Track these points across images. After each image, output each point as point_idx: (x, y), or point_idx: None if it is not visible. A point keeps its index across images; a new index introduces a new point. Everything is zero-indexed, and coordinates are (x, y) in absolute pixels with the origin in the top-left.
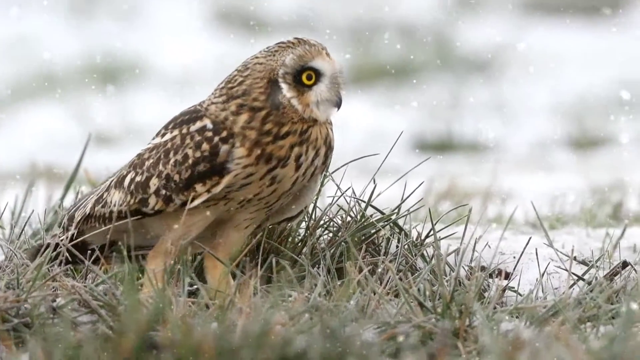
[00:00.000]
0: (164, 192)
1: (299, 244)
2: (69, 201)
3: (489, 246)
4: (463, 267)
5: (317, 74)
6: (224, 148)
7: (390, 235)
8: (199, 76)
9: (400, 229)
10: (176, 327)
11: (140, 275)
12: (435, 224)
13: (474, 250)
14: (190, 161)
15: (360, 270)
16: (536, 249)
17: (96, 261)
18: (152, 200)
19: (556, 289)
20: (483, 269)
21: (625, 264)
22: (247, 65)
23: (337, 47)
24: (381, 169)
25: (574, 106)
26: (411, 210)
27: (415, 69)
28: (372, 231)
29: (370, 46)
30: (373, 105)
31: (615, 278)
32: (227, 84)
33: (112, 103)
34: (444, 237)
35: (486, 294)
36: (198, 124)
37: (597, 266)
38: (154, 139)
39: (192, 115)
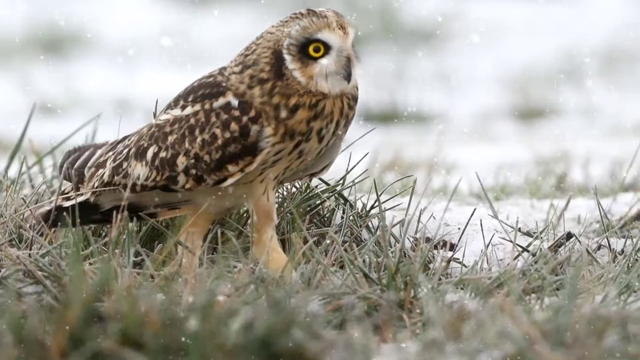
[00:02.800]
0: (194, 171)
1: (244, 215)
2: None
3: (434, 217)
4: (408, 238)
5: (326, 47)
6: (254, 128)
7: (336, 206)
8: (143, 46)
9: (346, 200)
10: (121, 298)
11: (84, 247)
12: (380, 195)
13: (418, 221)
14: (219, 142)
15: (306, 242)
16: (481, 221)
17: (106, 222)
18: (182, 179)
19: (501, 260)
20: (428, 240)
21: (569, 236)
22: (262, 35)
23: (281, 17)
24: None
25: (519, 77)
26: (356, 181)
27: (360, 40)
28: (317, 202)
29: None
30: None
31: (560, 249)
32: (245, 51)
33: (57, 73)
34: (389, 209)
35: (431, 266)
36: (221, 100)
37: (541, 237)
38: (170, 107)
39: (214, 89)
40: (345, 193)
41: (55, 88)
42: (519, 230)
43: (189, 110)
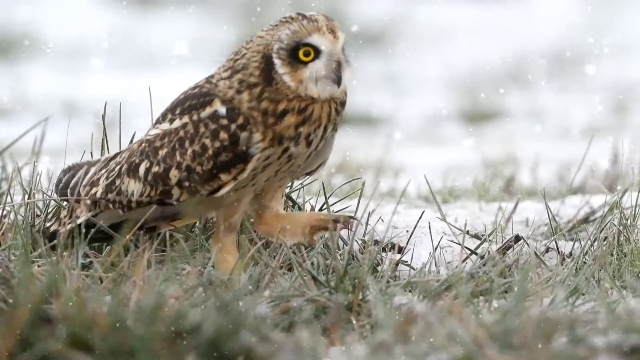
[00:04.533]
0: (187, 183)
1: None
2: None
3: (382, 220)
4: (356, 241)
5: (316, 51)
6: (244, 135)
7: (284, 209)
8: (90, 48)
9: (294, 202)
10: (70, 301)
11: (33, 249)
12: (328, 198)
13: (367, 224)
14: (210, 152)
15: (254, 244)
16: (429, 223)
17: (108, 239)
18: (176, 192)
19: (449, 262)
20: (376, 243)
21: (517, 238)
22: (252, 39)
23: (229, 21)
24: None
25: (467, 79)
26: (304, 183)
27: None
28: None
29: (262, 20)
30: None
31: (508, 252)
32: (234, 56)
33: (3, 75)
34: (337, 211)
35: (379, 268)
36: (208, 110)
37: (489, 240)
38: (159, 122)
39: (200, 99)
40: (294, 195)
41: (1, 91)
42: (467, 232)
43: (177, 123)
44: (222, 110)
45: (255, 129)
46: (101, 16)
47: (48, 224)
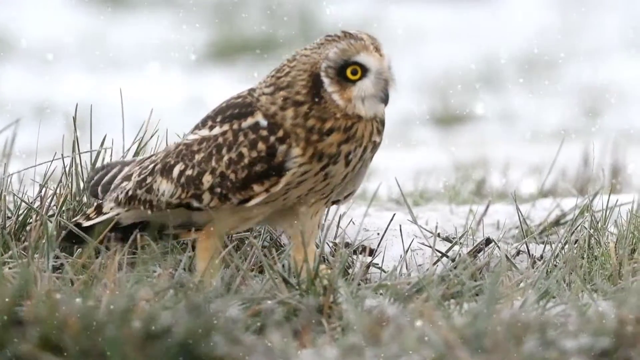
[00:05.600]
0: (219, 190)
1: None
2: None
3: (353, 222)
4: (327, 243)
5: (363, 69)
6: (282, 148)
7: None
8: (62, 50)
9: None
10: (41, 303)
11: (3, 252)
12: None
13: (338, 226)
14: (246, 161)
15: (225, 246)
16: (400, 226)
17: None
18: (207, 197)
19: (420, 265)
20: (347, 245)
21: (488, 241)
22: (295, 57)
23: (201, 22)
24: None
25: (438, 82)
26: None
27: (280, 45)
28: None
29: (234, 22)
30: (237, 81)
31: (479, 255)
32: (276, 73)
33: None
34: None
35: (350, 271)
36: (250, 120)
37: (460, 243)
38: (198, 128)
39: (242, 110)
40: None
41: None
42: (438, 235)
43: (217, 130)
44: (264, 122)
45: (295, 143)
46: (73, 18)
47: (75, 218)
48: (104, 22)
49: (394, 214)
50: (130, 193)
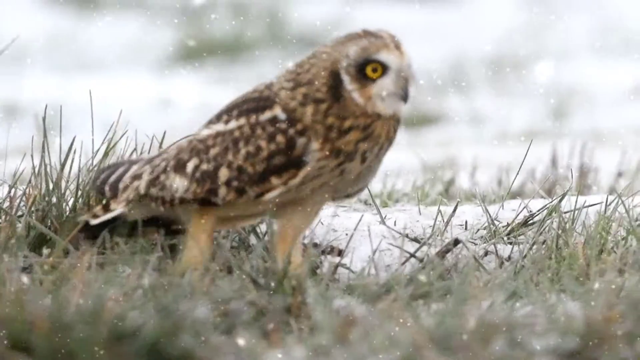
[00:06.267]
0: (236, 183)
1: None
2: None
3: (322, 223)
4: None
5: (384, 67)
6: (301, 141)
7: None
8: (30, 50)
9: None
10: (9, 303)
11: None
12: None
13: None
14: (264, 153)
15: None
16: (369, 226)
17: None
18: (223, 191)
19: (388, 266)
20: (316, 245)
21: (456, 242)
22: (315, 54)
23: (169, 24)
24: None
25: None
26: None
27: (248, 46)
28: None
29: (203, 22)
30: (205, 82)
31: (447, 255)
32: (297, 68)
33: None
34: None
35: (319, 271)
36: (268, 113)
37: (429, 243)
38: (212, 122)
39: (260, 103)
40: None
41: None
42: (407, 236)
43: (233, 124)
44: (282, 115)
45: (314, 138)
46: (41, 18)
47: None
48: (72, 23)
49: (363, 215)
50: (142, 191)
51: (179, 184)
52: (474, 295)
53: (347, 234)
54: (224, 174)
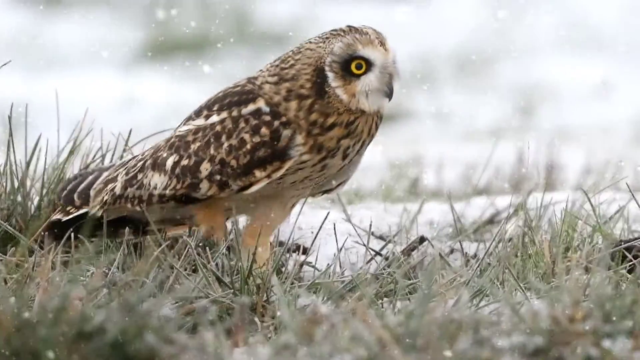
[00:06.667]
0: (218, 177)
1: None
2: None
3: (287, 221)
4: None
5: (368, 64)
6: (286, 133)
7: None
8: None
9: None
10: None
11: None
12: None
13: None
14: (248, 146)
15: (159, 245)
16: (334, 224)
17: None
18: (205, 186)
19: (354, 264)
20: (281, 244)
21: (422, 239)
22: (300, 49)
23: (135, 21)
24: None
25: None
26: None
27: (214, 43)
28: None
29: (168, 20)
30: (171, 79)
31: (413, 253)
32: (281, 63)
33: None
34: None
35: (284, 269)
36: (251, 106)
37: (394, 241)
38: (191, 119)
39: (243, 97)
40: None
41: None
42: (372, 234)
43: (214, 118)
44: (266, 108)
45: (298, 132)
46: (6, 17)
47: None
48: (37, 21)
49: (328, 213)
50: (118, 192)
51: (156, 181)
52: (439, 293)
53: (312, 232)
54: (205, 168)
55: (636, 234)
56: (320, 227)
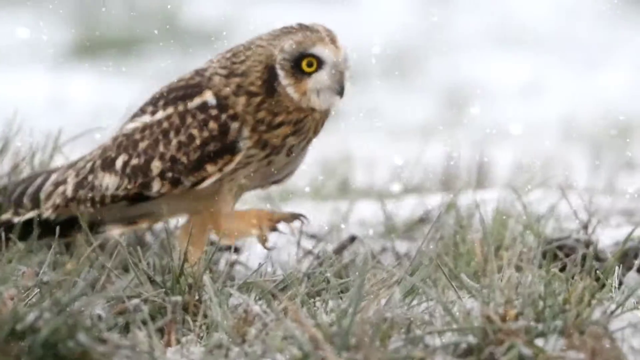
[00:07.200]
0: (170, 174)
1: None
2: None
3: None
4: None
5: (319, 61)
6: (234, 125)
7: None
8: None
9: None
10: None
11: None
12: None
13: None
14: (197, 142)
15: (90, 244)
16: None
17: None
18: (156, 184)
19: (285, 263)
20: (212, 243)
21: (353, 238)
22: (251, 45)
23: (63, 21)
24: None
25: None
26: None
27: (142, 41)
28: None
29: (96, 18)
30: (100, 78)
31: (344, 252)
32: (232, 56)
33: None
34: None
35: (215, 268)
36: (197, 100)
37: (326, 240)
38: (137, 115)
39: (188, 90)
40: None
41: None
42: (304, 232)
43: (160, 114)
44: (213, 101)
45: (245, 126)
46: None
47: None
48: None
49: None
50: (69, 195)
51: (108, 182)
52: (371, 292)
53: None
54: (156, 166)
55: (567, 232)
56: None
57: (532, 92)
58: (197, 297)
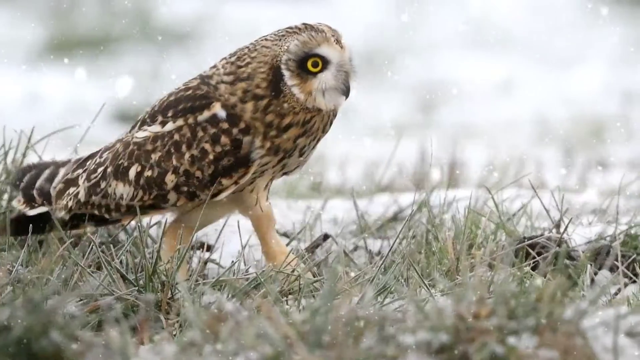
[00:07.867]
0: (185, 188)
1: (1, 215)
2: None
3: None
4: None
5: (324, 61)
6: (246, 139)
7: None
8: None
9: None
10: None
11: None
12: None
13: None
14: (211, 157)
15: (63, 243)
16: (238, 221)
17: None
18: (172, 197)
19: (258, 261)
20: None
21: (326, 237)
22: (256, 47)
23: (38, 19)
24: (85, 140)
25: None
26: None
27: (116, 40)
28: None
29: (70, 17)
30: (74, 76)
31: (317, 250)
32: (237, 60)
33: None
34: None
35: (188, 267)
36: (206, 113)
37: (298, 238)
38: (146, 124)
39: (196, 102)
40: None
41: None
42: (276, 231)
43: (170, 126)
44: (222, 113)
45: (256, 135)
46: None
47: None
48: None
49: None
50: (82, 199)
51: (122, 191)
52: (343, 290)
53: (216, 229)
54: (170, 179)
55: (539, 231)
56: (225, 224)
57: (505, 91)
58: (170, 295)
